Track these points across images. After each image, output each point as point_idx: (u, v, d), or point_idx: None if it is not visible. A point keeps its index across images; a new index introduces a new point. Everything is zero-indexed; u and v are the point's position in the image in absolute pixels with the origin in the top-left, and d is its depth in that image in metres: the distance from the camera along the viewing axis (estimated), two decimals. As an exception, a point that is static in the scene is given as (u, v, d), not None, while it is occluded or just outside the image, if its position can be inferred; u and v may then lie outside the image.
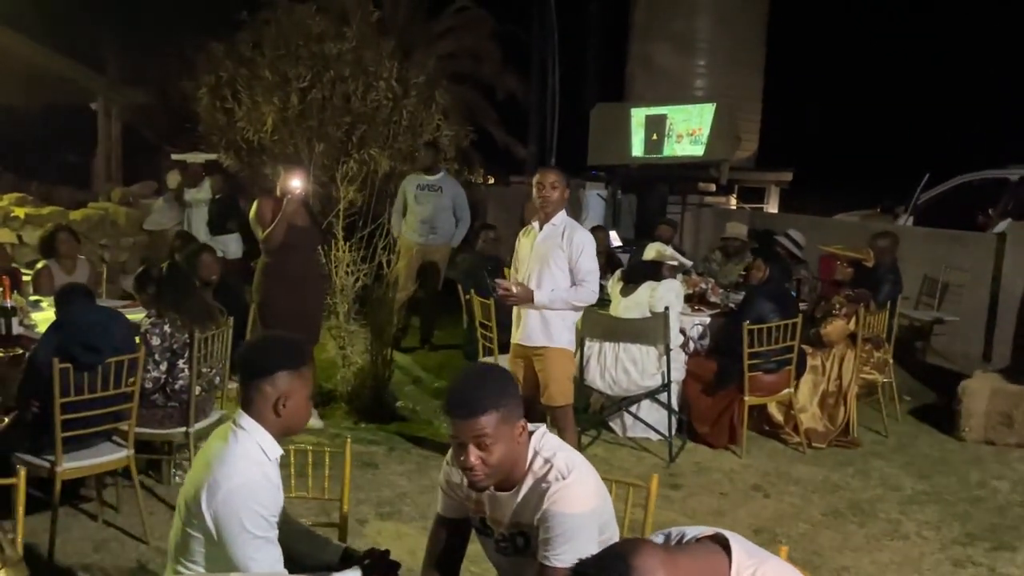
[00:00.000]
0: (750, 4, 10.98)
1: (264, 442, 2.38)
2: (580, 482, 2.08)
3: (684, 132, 10.23)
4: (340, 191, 6.34)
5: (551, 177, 4.23)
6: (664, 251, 5.29)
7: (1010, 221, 8.18)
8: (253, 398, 2.37)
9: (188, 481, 2.40)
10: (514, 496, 2.15)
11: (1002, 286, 7.67)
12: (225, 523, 2.24)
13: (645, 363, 5.13)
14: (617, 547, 1.64)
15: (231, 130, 8.98)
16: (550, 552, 2.04)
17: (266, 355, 2.40)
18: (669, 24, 10.76)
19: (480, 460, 2.06)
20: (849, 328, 5.50)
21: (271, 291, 5.39)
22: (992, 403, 5.64)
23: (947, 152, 9.98)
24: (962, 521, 4.40)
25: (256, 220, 5.44)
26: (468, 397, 2.06)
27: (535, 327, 4.25)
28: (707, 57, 10.80)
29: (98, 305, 4.05)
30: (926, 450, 5.53)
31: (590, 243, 4.24)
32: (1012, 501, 4.69)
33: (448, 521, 2.35)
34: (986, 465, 5.25)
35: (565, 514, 2.04)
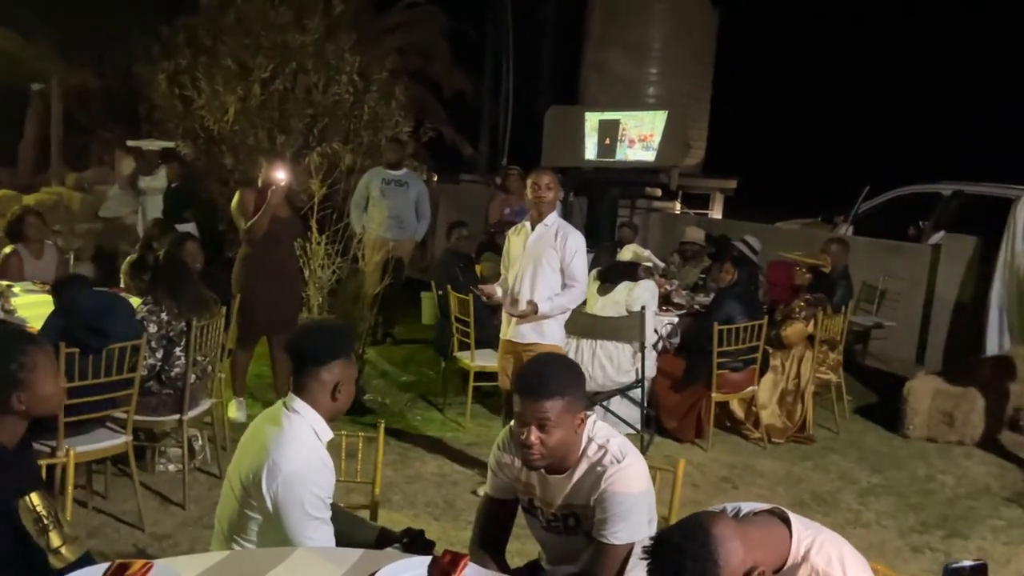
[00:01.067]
0: (701, 16, 11.35)
1: (317, 426, 2.48)
2: (634, 465, 2.25)
3: (636, 137, 10.52)
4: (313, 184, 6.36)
5: (546, 178, 4.37)
6: (641, 253, 5.51)
7: (944, 233, 8.68)
8: (309, 384, 2.47)
9: (241, 463, 2.47)
10: (567, 479, 2.30)
11: (936, 294, 8.17)
12: (285, 505, 2.33)
13: (621, 360, 5.33)
14: (696, 518, 1.81)
15: (189, 118, 8.88)
16: (607, 531, 2.20)
17: (323, 343, 2.50)
18: (624, 32, 11.04)
19: (539, 441, 2.20)
20: (808, 330, 5.81)
21: (252, 282, 5.41)
22: (934, 403, 6.03)
23: (884, 166, 10.51)
24: (916, 511, 4.73)
25: (239, 211, 5.46)
26: (538, 380, 2.20)
27: (527, 324, 4.38)
28: (659, 66, 11.12)
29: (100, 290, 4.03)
30: (875, 446, 5.88)
31: (583, 246, 4.40)
32: (959, 494, 5.05)
33: (496, 501, 2.49)
34: (931, 461, 5.63)
35: (622, 494, 2.20)
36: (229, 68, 8.68)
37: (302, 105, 8.93)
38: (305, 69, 8.93)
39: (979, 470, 5.48)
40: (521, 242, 4.44)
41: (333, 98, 9.05)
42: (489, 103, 13.68)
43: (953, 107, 13.52)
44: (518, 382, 2.24)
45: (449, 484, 4.80)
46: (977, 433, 5.95)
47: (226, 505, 2.53)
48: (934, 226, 9.42)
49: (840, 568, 1.79)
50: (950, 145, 11.78)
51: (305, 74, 8.93)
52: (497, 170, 13.28)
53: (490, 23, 13.49)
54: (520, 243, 4.45)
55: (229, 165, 8.85)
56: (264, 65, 8.67)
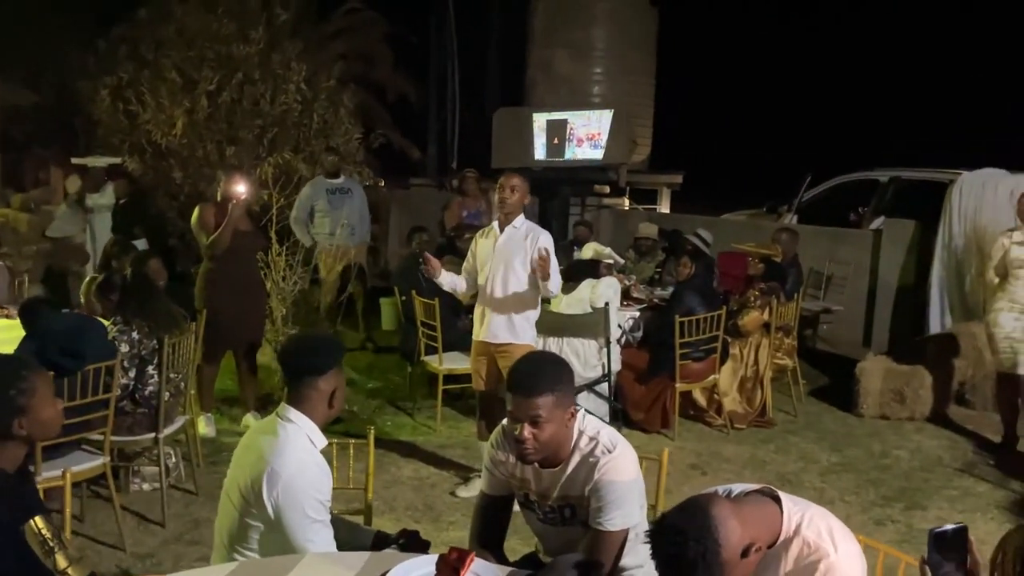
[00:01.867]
0: (641, 15, 11.56)
1: (313, 433, 2.54)
2: (624, 455, 2.36)
3: (584, 136, 10.66)
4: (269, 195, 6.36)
5: (513, 180, 4.47)
6: (601, 250, 5.64)
7: (884, 219, 9.00)
8: (307, 394, 2.53)
9: (238, 474, 2.53)
10: (561, 472, 2.40)
11: (879, 277, 8.45)
12: (287, 510, 2.39)
13: (587, 356, 5.46)
14: (695, 500, 1.92)
15: (135, 133, 8.77)
16: (603, 518, 2.31)
17: (317, 354, 2.56)
18: (567, 32, 11.19)
19: (532, 436, 2.30)
20: (763, 318, 6.01)
21: (216, 297, 5.40)
22: (885, 382, 6.29)
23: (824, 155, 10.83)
24: (875, 486, 4.95)
25: (199, 226, 5.44)
26: (529, 379, 2.30)
27: (500, 325, 4.47)
28: (603, 65, 11.29)
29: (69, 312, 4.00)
30: (831, 426, 6.11)
31: (552, 244, 4.51)
32: (914, 467, 5.29)
33: (493, 498, 2.57)
34: (885, 437, 5.87)
35: (615, 482, 2.31)
36: (174, 81, 8.59)
37: (250, 116, 8.89)
38: (252, 80, 8.89)
39: (931, 444, 5.74)
40: (490, 244, 4.52)
41: (281, 108, 9.03)
42: (436, 106, 13.71)
43: (888, 96, 14.03)
44: (510, 381, 2.34)
45: (427, 487, 4.87)
46: (927, 409, 6.23)
47: (225, 517, 2.58)
48: (873, 212, 9.75)
49: (830, 540, 1.92)
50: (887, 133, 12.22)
51: (252, 84, 8.89)
52: (447, 173, 13.34)
53: (433, 27, 13.52)
54: (489, 245, 4.52)
55: (178, 179, 8.77)
56: (210, 77, 8.60)
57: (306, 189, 7.58)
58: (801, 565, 1.93)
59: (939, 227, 7.71)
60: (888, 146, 10.83)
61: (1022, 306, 5.24)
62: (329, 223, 7.42)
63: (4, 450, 2.19)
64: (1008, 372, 5.37)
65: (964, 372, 6.56)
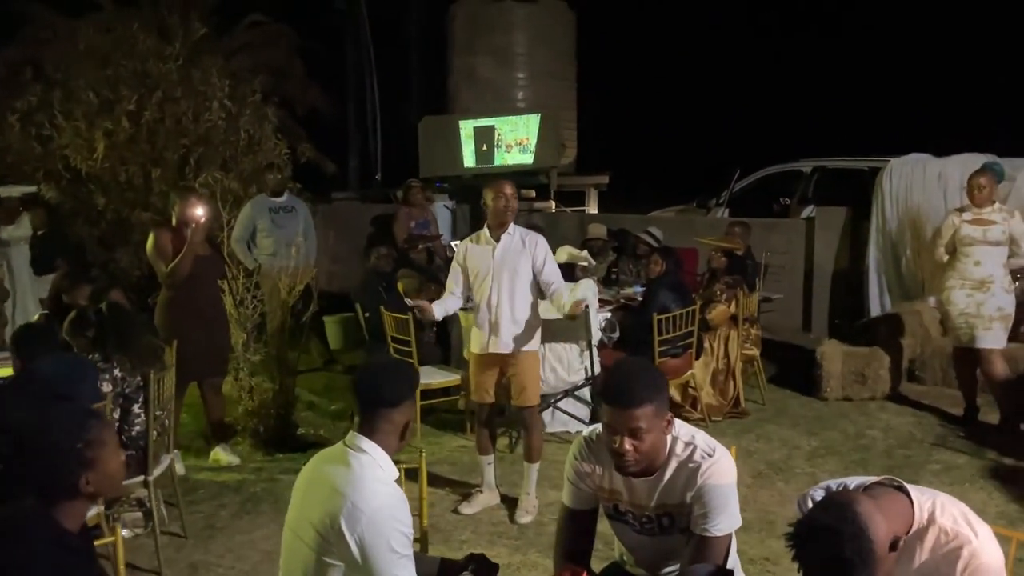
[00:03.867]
0: (560, 19, 11.64)
1: (386, 464, 2.41)
2: (724, 457, 2.32)
3: (513, 142, 10.67)
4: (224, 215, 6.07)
5: (509, 188, 4.41)
6: (576, 253, 5.61)
7: (814, 207, 9.33)
8: (381, 426, 2.41)
9: (309, 510, 2.37)
10: (658, 480, 2.34)
11: (815, 264, 8.75)
12: (372, 546, 2.26)
13: (570, 360, 5.42)
14: (838, 499, 1.90)
15: (49, 159, 8.24)
16: (709, 524, 2.26)
17: (394, 384, 2.44)
18: (488, 39, 11.17)
19: (633, 448, 2.24)
20: (730, 311, 6.11)
21: (179, 326, 5.09)
22: (846, 364, 6.49)
23: (747, 149, 11.16)
24: (862, 466, 5.08)
25: (156, 254, 5.14)
26: (628, 389, 2.23)
27: (511, 334, 4.39)
28: (526, 70, 11.32)
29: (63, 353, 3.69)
30: (801, 411, 6.26)
31: (548, 247, 4.48)
32: (891, 445, 5.47)
33: (577, 512, 2.49)
34: (854, 418, 6.05)
35: (721, 486, 2.27)
36: (90, 102, 8.11)
37: (174, 135, 8.48)
38: (173, 97, 8.48)
39: (898, 421, 5.95)
40: (487, 253, 4.42)
41: (206, 125, 8.64)
42: (355, 118, 13.44)
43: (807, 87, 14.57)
44: (607, 392, 2.27)
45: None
46: (887, 388, 6.46)
47: (296, 556, 2.42)
48: (799, 201, 10.11)
49: (967, 525, 1.93)
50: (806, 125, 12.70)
51: (174, 102, 8.48)
52: (371, 186, 13.11)
53: (348, 37, 13.26)
54: (485, 255, 4.42)
55: (100, 205, 8.28)
56: (128, 96, 8.15)
57: (247, 209, 7.27)
58: (940, 554, 1.93)
59: (872, 212, 8.04)
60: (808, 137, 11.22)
61: (973, 282, 5.47)
62: (272, 243, 7.13)
63: (70, 509, 1.99)
64: (965, 346, 5.61)
65: (913, 350, 6.85)
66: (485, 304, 4.40)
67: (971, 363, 5.72)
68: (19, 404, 2.34)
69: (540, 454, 4.67)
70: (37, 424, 1.93)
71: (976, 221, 5.38)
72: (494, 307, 4.37)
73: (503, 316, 4.36)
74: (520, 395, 4.48)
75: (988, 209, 5.38)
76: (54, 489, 1.95)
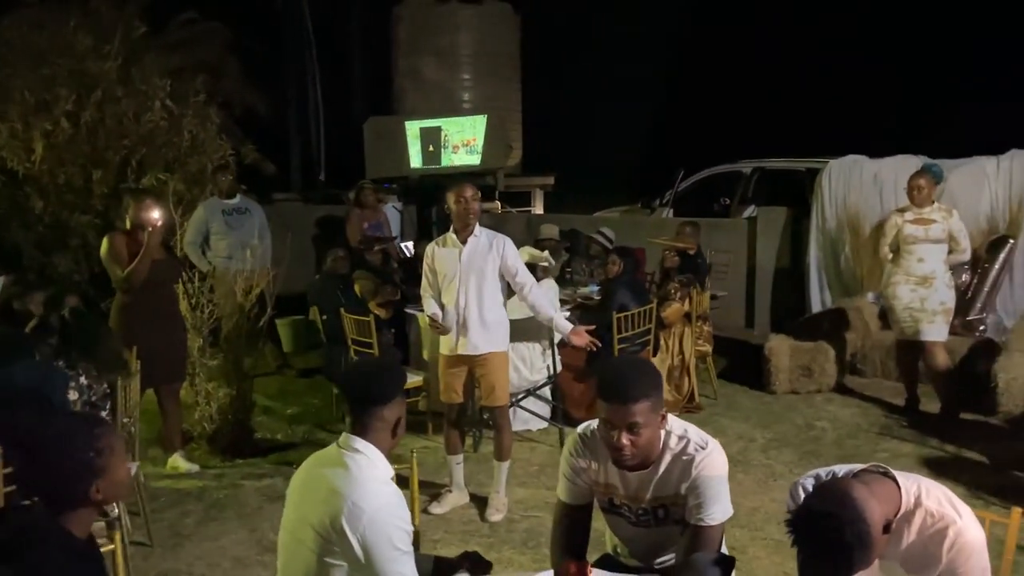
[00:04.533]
0: (504, 20, 11.71)
1: (381, 463, 2.45)
2: (716, 449, 2.41)
3: (460, 143, 10.71)
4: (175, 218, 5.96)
5: (470, 191, 4.43)
6: (537, 254, 5.69)
7: (754, 207, 9.59)
8: (373, 424, 2.44)
9: (307, 513, 2.40)
10: (652, 473, 2.42)
11: (757, 263, 9.01)
12: (374, 544, 2.29)
13: (533, 359, 5.50)
14: (833, 486, 2.00)
15: (-20, 162, 7.95)
16: (704, 514, 2.35)
17: (383, 382, 2.47)
18: (433, 40, 11.17)
19: (630, 442, 2.32)
20: (684, 309, 6.26)
21: (136, 332, 4.97)
22: (793, 359, 6.71)
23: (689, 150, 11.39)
24: (815, 457, 5.27)
25: (111, 259, 5.03)
26: (625, 386, 2.31)
27: (480, 336, 4.42)
28: (471, 71, 11.36)
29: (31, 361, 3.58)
30: (752, 405, 6.46)
31: (515, 248, 4.52)
32: (840, 435, 5.69)
33: (574, 507, 2.55)
34: (802, 410, 6.27)
35: (713, 477, 2.36)
36: (25, 102, 7.86)
37: (115, 136, 8.27)
38: (113, 97, 8.27)
39: (844, 413, 6.18)
40: (454, 257, 4.44)
41: (148, 126, 8.46)
42: (296, 118, 13.26)
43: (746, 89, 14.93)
44: (604, 389, 2.33)
45: (397, 508, 4.73)
46: (832, 381, 6.70)
47: (296, 560, 2.43)
48: (740, 201, 10.38)
49: (951, 507, 2.06)
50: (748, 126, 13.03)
51: (114, 102, 8.28)
52: (314, 186, 12.96)
53: (288, 36, 13.08)
54: (452, 257, 4.45)
55: (38, 208, 8.03)
56: (67, 96, 7.92)
57: (199, 211, 7.16)
58: (927, 534, 2.05)
59: (812, 211, 8.31)
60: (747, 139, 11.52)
61: (916, 278, 5.73)
62: (227, 246, 7.04)
63: (79, 518, 1.98)
64: (910, 339, 5.86)
65: (855, 344, 7.11)
66: (453, 306, 4.43)
67: (914, 355, 5.97)
68: (27, 414, 2.29)
69: (510, 452, 4.73)
70: (48, 433, 1.91)
71: (918, 220, 5.64)
72: (462, 309, 4.41)
73: (471, 317, 4.41)
74: (490, 395, 4.54)
75: (928, 208, 5.64)
76: (65, 498, 1.93)
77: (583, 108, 15.74)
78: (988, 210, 7.19)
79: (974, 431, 5.60)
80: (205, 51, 14.68)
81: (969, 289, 6.88)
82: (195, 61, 14.62)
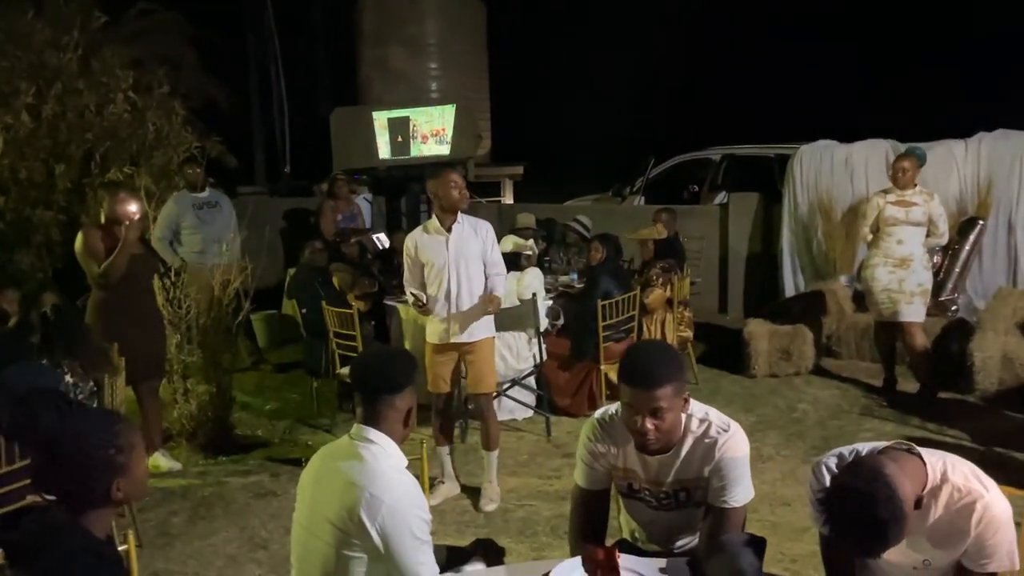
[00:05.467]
0: (470, 9, 11.62)
1: (395, 452, 2.41)
2: (739, 431, 2.41)
3: (429, 133, 10.58)
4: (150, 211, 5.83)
5: (457, 177, 4.41)
6: (521, 242, 5.66)
7: (725, 194, 9.67)
8: (385, 413, 2.41)
9: (323, 505, 2.35)
10: (674, 456, 2.41)
11: (729, 248, 9.09)
12: (394, 535, 2.27)
13: (519, 348, 5.47)
14: (864, 463, 2.01)
15: (-62, 158, 7.68)
16: (727, 496, 2.35)
17: (394, 371, 2.43)
18: (400, 29, 11.04)
19: (654, 427, 2.30)
20: (666, 295, 6.28)
21: (115, 329, 4.83)
22: (771, 343, 6.77)
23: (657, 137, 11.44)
24: (800, 439, 5.34)
25: (87, 254, 4.88)
26: (649, 371, 2.29)
27: (470, 323, 4.40)
28: (439, 60, 11.25)
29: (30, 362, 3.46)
30: (733, 388, 6.51)
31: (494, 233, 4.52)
32: (822, 416, 5.76)
33: (592, 492, 2.53)
34: (783, 393, 6.33)
35: (737, 458, 2.36)
36: (-17, 95, 7.62)
37: (77, 130, 8.05)
38: (75, 90, 8.06)
39: (824, 394, 6.26)
40: (440, 244, 4.40)
41: (111, 119, 8.25)
42: (260, 111, 13.03)
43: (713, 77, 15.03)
44: (628, 374, 2.31)
45: (390, 501, 4.68)
46: (810, 363, 6.77)
47: (313, 554, 2.38)
48: (710, 188, 10.45)
49: (978, 481, 2.08)
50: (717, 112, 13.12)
51: (75, 95, 8.06)
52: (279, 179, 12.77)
53: (249, 28, 12.84)
54: (439, 245, 4.40)
55: (0, 205, 7.79)
56: (26, 89, 7.69)
57: (170, 206, 7.01)
58: (954, 509, 2.07)
59: (783, 196, 8.40)
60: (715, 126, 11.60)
61: (895, 260, 5.79)
62: (200, 240, 6.91)
63: (99, 517, 1.91)
64: (888, 321, 5.94)
65: (830, 326, 7.20)
66: (444, 295, 4.39)
67: (892, 336, 6.06)
68: (45, 411, 2.21)
69: (498, 441, 4.71)
70: (67, 431, 1.84)
71: (899, 202, 5.70)
72: (453, 297, 4.38)
73: (463, 305, 4.38)
74: (480, 383, 4.53)
75: (911, 191, 5.71)
76: (85, 497, 1.87)
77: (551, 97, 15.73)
78: (957, 192, 7.34)
79: (953, 409, 5.70)
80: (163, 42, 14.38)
81: (941, 270, 7.01)
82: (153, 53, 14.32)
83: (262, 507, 4.68)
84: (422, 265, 4.47)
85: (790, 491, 4.53)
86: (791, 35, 14.36)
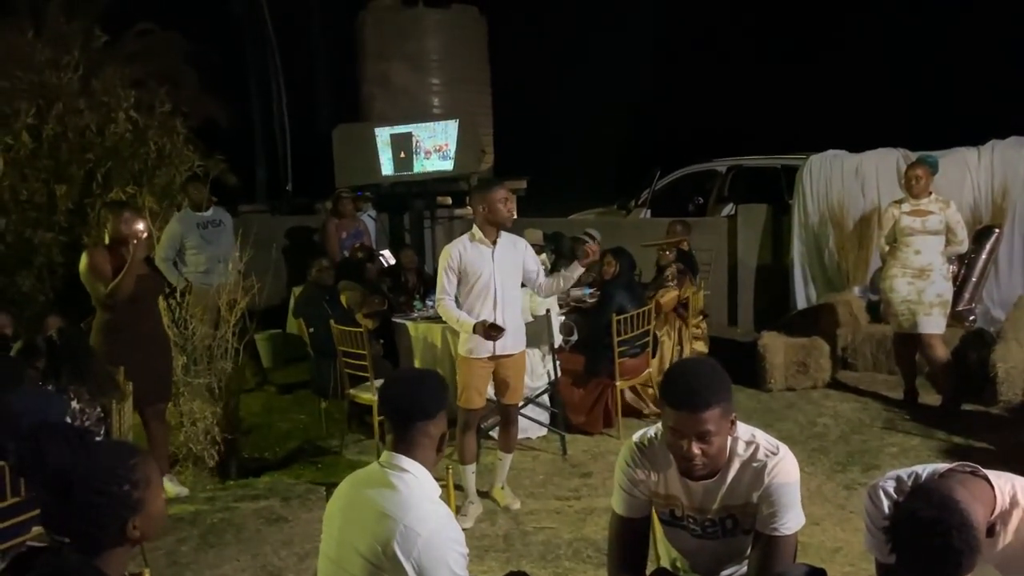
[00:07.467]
0: (472, 25, 11.55)
1: (429, 482, 2.29)
2: (789, 455, 2.28)
3: (432, 148, 10.49)
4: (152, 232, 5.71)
5: (509, 193, 4.43)
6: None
7: (732, 205, 9.57)
8: (419, 440, 2.30)
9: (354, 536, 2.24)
10: (720, 481, 2.28)
11: (738, 260, 8.98)
12: (431, 570, 2.15)
13: (533, 365, 5.35)
14: (935, 489, 1.88)
15: (-62, 178, 7.58)
16: (778, 523, 2.22)
17: (426, 396, 2.32)
18: (401, 45, 10.97)
19: (701, 451, 2.18)
20: (679, 295, 6.17)
21: (121, 351, 4.72)
22: (787, 355, 6.65)
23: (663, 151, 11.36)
24: (824, 455, 5.20)
25: (92, 275, 4.77)
26: (696, 392, 2.15)
27: (512, 336, 4.43)
28: (440, 76, 11.17)
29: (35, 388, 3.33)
30: (751, 404, 6.37)
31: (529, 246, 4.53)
32: (845, 432, 5.62)
33: (631, 521, 2.40)
34: (802, 407, 6.20)
35: (788, 484, 2.23)
36: (-16, 115, 7.53)
37: (78, 150, 7.95)
38: (75, 109, 7.96)
39: (845, 408, 6.13)
40: (486, 256, 4.39)
41: (112, 138, 8.15)
42: (262, 128, 12.95)
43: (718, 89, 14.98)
44: (673, 396, 2.18)
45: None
46: (827, 376, 6.65)
47: (344, 592, 2.25)
48: (717, 200, 10.36)
49: (1049, 503, 1.95)
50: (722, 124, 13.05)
51: (76, 115, 7.97)
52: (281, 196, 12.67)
53: (250, 45, 12.77)
54: (485, 258, 4.38)
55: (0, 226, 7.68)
56: (27, 109, 7.60)
57: (173, 225, 6.91)
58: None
59: (793, 207, 8.30)
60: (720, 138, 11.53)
61: (913, 271, 5.69)
62: (205, 260, 6.81)
63: (114, 558, 1.78)
64: (907, 332, 5.83)
65: (845, 338, 7.08)
66: (490, 308, 4.37)
67: (911, 348, 5.94)
68: (55, 446, 2.08)
69: None
70: (79, 468, 1.71)
71: (915, 212, 5.61)
72: (500, 310, 4.38)
73: (508, 318, 4.39)
74: (512, 393, 4.58)
75: (925, 200, 5.61)
76: (99, 537, 1.74)
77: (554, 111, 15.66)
78: (972, 201, 7.24)
79: (978, 422, 5.58)
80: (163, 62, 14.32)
81: (957, 279, 6.89)
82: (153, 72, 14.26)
83: (273, 533, 4.55)
84: (463, 276, 4.41)
85: (818, 509, 4.39)
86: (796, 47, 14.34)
